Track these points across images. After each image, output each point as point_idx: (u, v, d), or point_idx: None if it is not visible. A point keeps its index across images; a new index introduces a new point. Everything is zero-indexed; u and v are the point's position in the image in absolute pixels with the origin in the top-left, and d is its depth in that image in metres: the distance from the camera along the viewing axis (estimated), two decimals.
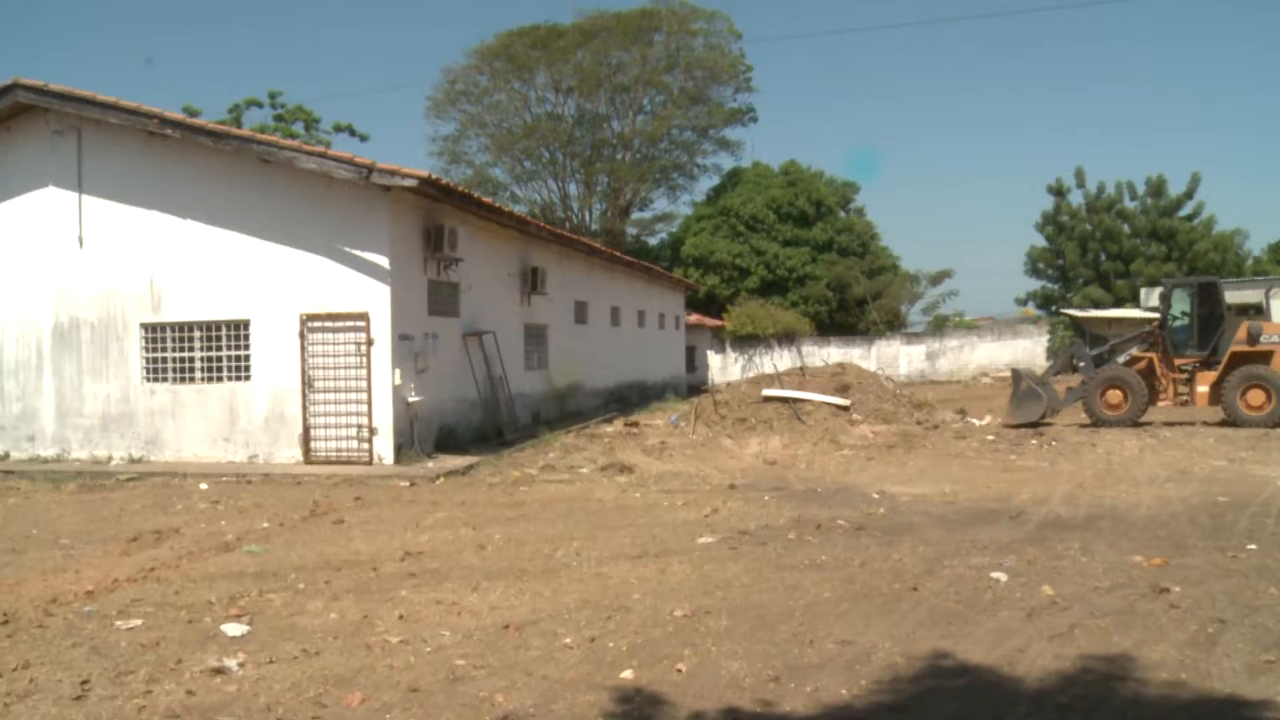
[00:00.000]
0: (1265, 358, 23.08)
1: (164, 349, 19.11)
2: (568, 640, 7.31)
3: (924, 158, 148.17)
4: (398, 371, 17.81)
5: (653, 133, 57.33)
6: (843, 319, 57.59)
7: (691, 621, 7.76)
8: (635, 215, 62.84)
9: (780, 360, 46.32)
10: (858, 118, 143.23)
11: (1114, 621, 7.58)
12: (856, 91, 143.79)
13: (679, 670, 6.61)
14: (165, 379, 19.15)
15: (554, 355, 27.13)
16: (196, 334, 18.90)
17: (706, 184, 61.89)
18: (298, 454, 18.19)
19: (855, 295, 56.28)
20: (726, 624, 7.68)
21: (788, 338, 50.78)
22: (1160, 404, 24.15)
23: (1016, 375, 24.88)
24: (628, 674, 6.55)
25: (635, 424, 24.13)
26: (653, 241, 63.57)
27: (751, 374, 36.82)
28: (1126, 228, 59.57)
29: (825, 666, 6.66)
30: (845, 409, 22.98)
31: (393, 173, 17.07)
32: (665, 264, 54.16)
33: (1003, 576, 9.01)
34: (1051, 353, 49.15)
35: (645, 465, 17.87)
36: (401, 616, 8.01)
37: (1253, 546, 10.29)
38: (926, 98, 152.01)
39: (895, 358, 52.88)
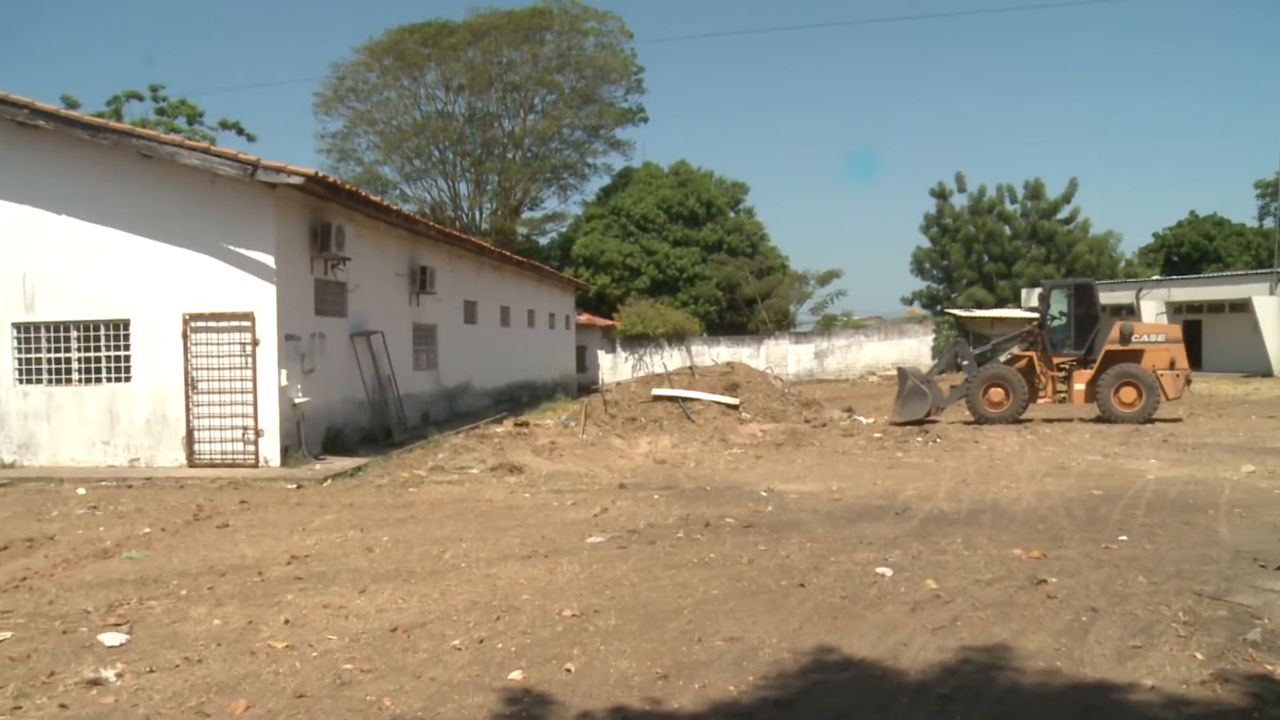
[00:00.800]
0: (1137, 356, 23.91)
1: (37, 349, 18.47)
2: (456, 642, 7.27)
3: (812, 159, 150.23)
4: (284, 372, 17.51)
5: (543, 132, 57.19)
6: (732, 318, 58.04)
7: (580, 621, 7.76)
8: (526, 215, 62.74)
9: (670, 360, 46.57)
10: (747, 119, 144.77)
11: (994, 613, 7.77)
12: (746, 93, 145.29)
13: (568, 670, 6.62)
14: (39, 380, 18.52)
15: (443, 355, 26.92)
16: (73, 334, 18.32)
17: (597, 184, 62.05)
18: (181, 457, 17.77)
19: (745, 295, 56.75)
20: (615, 623, 7.70)
21: (678, 337, 51.03)
22: (1040, 401, 24.82)
23: (902, 374, 25.33)
24: (516, 675, 6.54)
25: (525, 424, 24.06)
26: (543, 241, 63.50)
27: (642, 373, 36.86)
28: (1008, 230, 61.08)
29: (713, 663, 6.71)
30: (734, 408, 23.19)
31: (279, 170, 16.78)
32: (556, 264, 54.09)
33: (888, 571, 9.17)
34: (936, 351, 50.17)
35: (535, 465, 17.82)
36: (287, 621, 7.88)
37: (1124, 537, 10.65)
38: (814, 100, 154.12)
39: (784, 357, 53.46)
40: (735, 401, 23.41)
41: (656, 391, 23.73)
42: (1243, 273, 53.27)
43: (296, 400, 17.92)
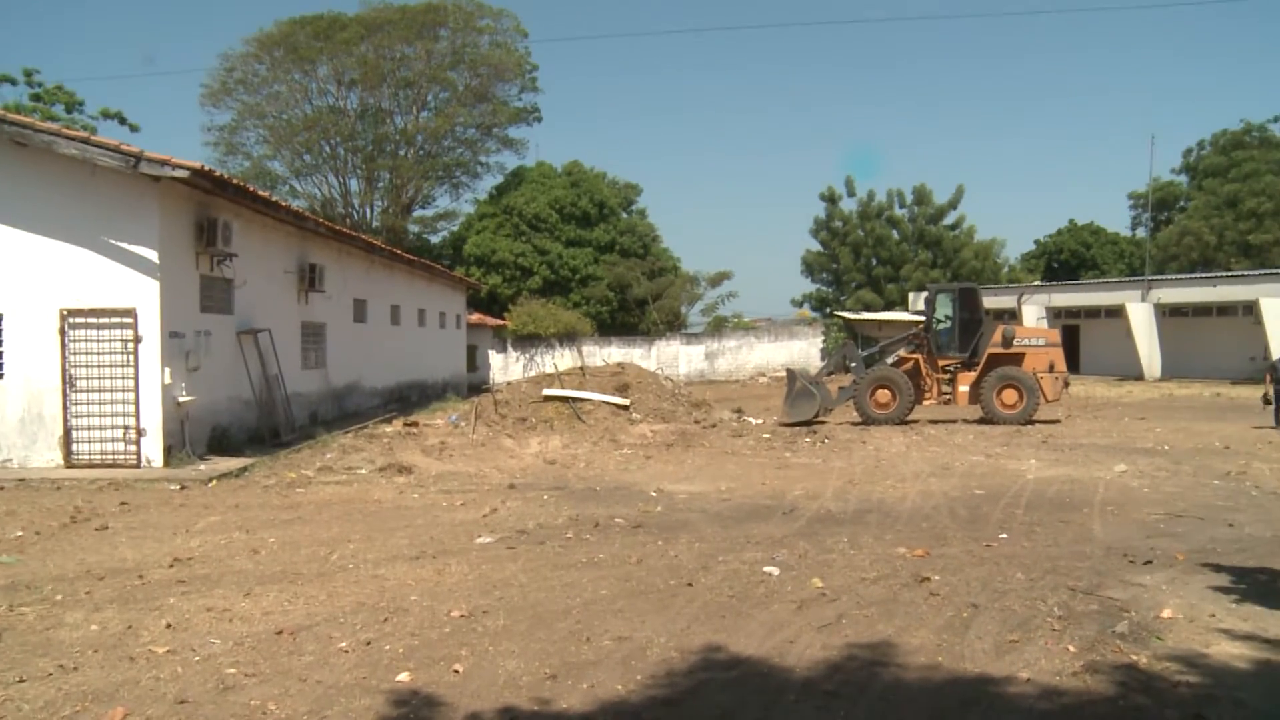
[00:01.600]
0: (1018, 359, 24.57)
1: None
2: (343, 644, 7.19)
3: (705, 161, 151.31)
4: (167, 370, 17.11)
5: (436, 129, 56.58)
6: (624, 319, 58.16)
7: (469, 622, 7.74)
8: (417, 213, 61.94)
9: (561, 360, 46.48)
10: (640, 121, 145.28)
11: (878, 610, 7.93)
12: (639, 95, 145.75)
13: (456, 671, 6.59)
14: None
15: (332, 354, 26.56)
16: None
17: (490, 182, 61.56)
18: (58, 457, 17.24)
19: (636, 296, 56.91)
20: (504, 623, 7.69)
21: (569, 337, 50.96)
22: (925, 403, 25.36)
23: (791, 375, 25.66)
24: (404, 676, 6.49)
25: (415, 424, 23.82)
26: (435, 240, 62.84)
27: (533, 373, 36.76)
28: (896, 234, 62.27)
29: (602, 663, 6.75)
30: (625, 408, 23.26)
31: (162, 162, 16.38)
32: (447, 263, 53.62)
33: (775, 570, 9.30)
34: (825, 353, 50.86)
35: (425, 466, 17.68)
36: (169, 625, 7.72)
37: (1004, 535, 10.97)
38: (707, 103, 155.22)
39: (675, 358, 53.70)
40: (626, 402, 23.48)
41: (547, 392, 23.70)
42: (1117, 280, 54.98)
43: (180, 399, 17.53)
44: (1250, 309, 42.29)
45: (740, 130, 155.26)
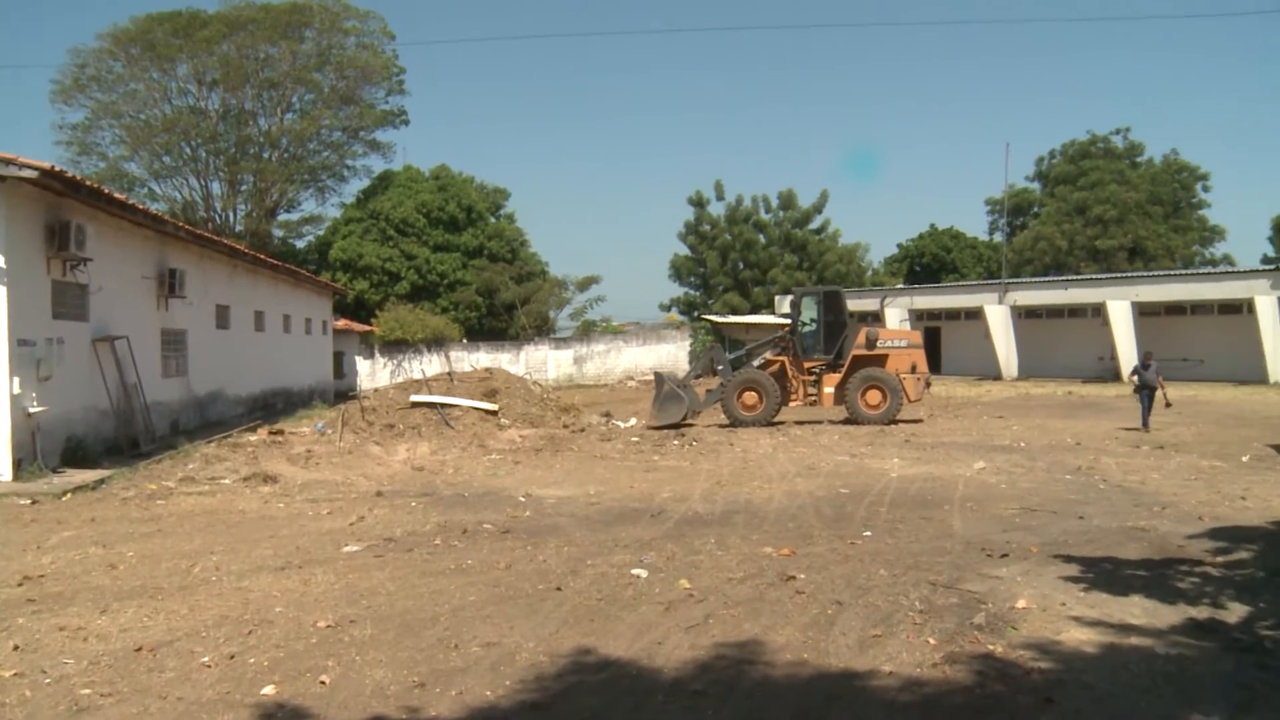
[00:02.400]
0: (881, 361, 25.12)
1: None
2: (205, 659, 7.03)
3: (574, 166, 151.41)
4: (16, 380, 16.48)
5: (301, 132, 55.52)
6: (492, 324, 57.86)
7: (336, 632, 7.63)
8: (282, 217, 60.69)
9: (429, 366, 46.02)
10: (508, 125, 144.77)
11: (745, 610, 8.05)
12: (508, 99, 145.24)
13: (322, 682, 6.50)
14: None
15: (194, 362, 25.88)
16: None
17: (356, 186, 60.68)
18: None
19: (505, 300, 56.66)
20: (371, 632, 7.60)
21: (438, 343, 50.47)
22: (792, 404, 25.74)
23: (659, 378, 25.81)
24: (269, 690, 6.38)
25: (280, 432, 23.39)
26: (300, 244, 61.56)
27: (401, 380, 36.34)
28: (762, 238, 63.07)
29: (470, 669, 6.72)
30: (494, 413, 23.16)
31: (8, 161, 15.78)
32: (313, 267, 52.69)
33: (643, 573, 9.36)
34: (693, 356, 51.21)
35: (290, 474, 17.36)
36: (17, 647, 7.41)
37: (868, 533, 11.23)
38: (577, 107, 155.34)
39: (544, 362, 53.61)
40: (494, 407, 23.39)
41: (415, 398, 23.47)
42: (976, 283, 56.51)
43: (31, 410, 16.91)
44: (1099, 311, 43.93)
45: (609, 135, 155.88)
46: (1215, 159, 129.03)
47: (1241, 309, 40.27)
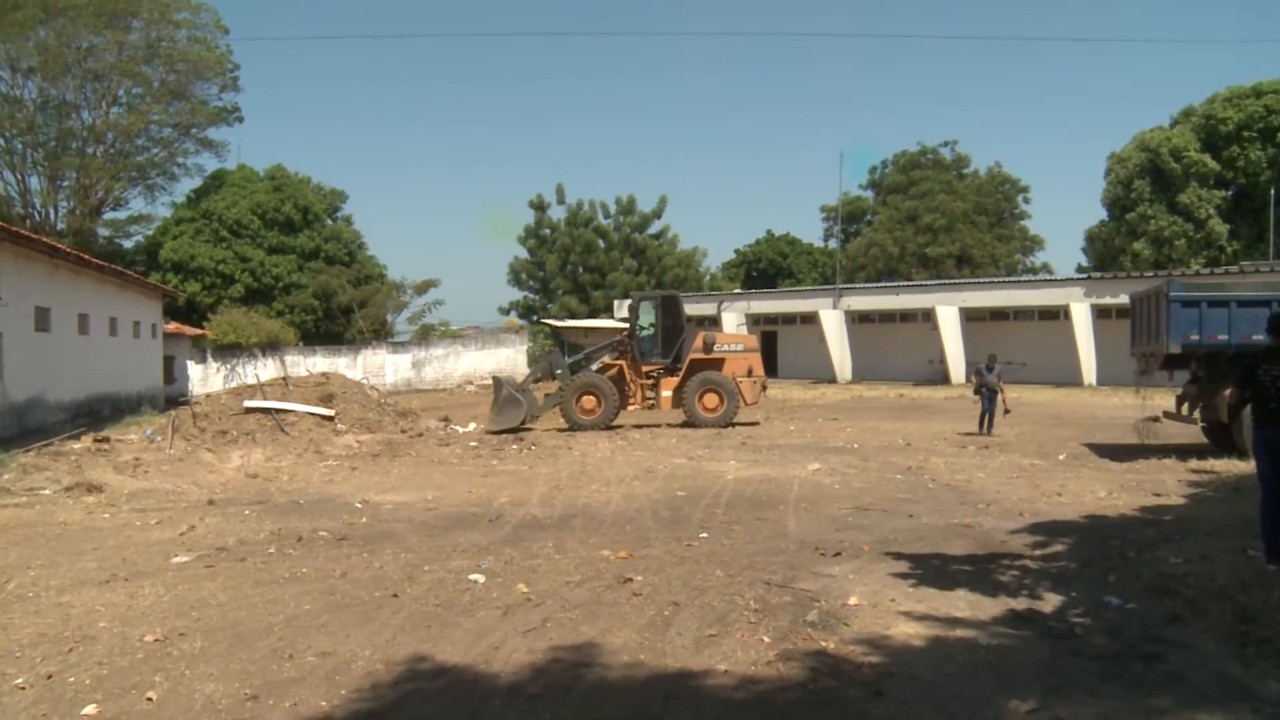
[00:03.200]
0: (718, 364, 25.47)
1: None
2: (20, 680, 6.68)
3: (413, 169, 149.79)
4: None
5: (129, 127, 53.32)
6: (329, 328, 56.88)
7: (164, 646, 7.37)
8: (108, 215, 58.07)
9: (264, 370, 44.94)
10: (347, 126, 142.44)
11: (583, 613, 8.05)
12: (346, 99, 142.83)
13: (149, 699, 6.26)
14: None
15: (11, 366, 24.72)
16: None
17: (188, 185, 59.09)
18: None
19: (342, 304, 55.74)
20: (202, 645, 7.37)
21: (273, 347, 49.34)
22: (630, 408, 25.89)
23: (498, 382, 25.70)
24: (90, 709, 6.11)
25: (106, 439, 22.48)
26: (128, 244, 59.17)
27: (234, 384, 35.40)
28: (602, 243, 63.41)
29: (305, 680, 6.57)
30: (330, 419, 22.71)
31: None
32: (141, 269, 50.81)
33: (481, 578, 9.29)
34: (532, 360, 51.15)
35: (117, 484, 16.71)
36: None
37: (705, 535, 11.37)
38: (414, 110, 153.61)
39: (382, 366, 52.88)
40: (331, 413, 22.94)
41: (249, 403, 22.85)
42: (811, 288, 57.84)
43: None
44: (928, 316, 45.39)
45: (449, 139, 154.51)
46: (1035, 172, 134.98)
47: (1059, 315, 42.09)
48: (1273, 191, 49.49)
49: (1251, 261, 44.38)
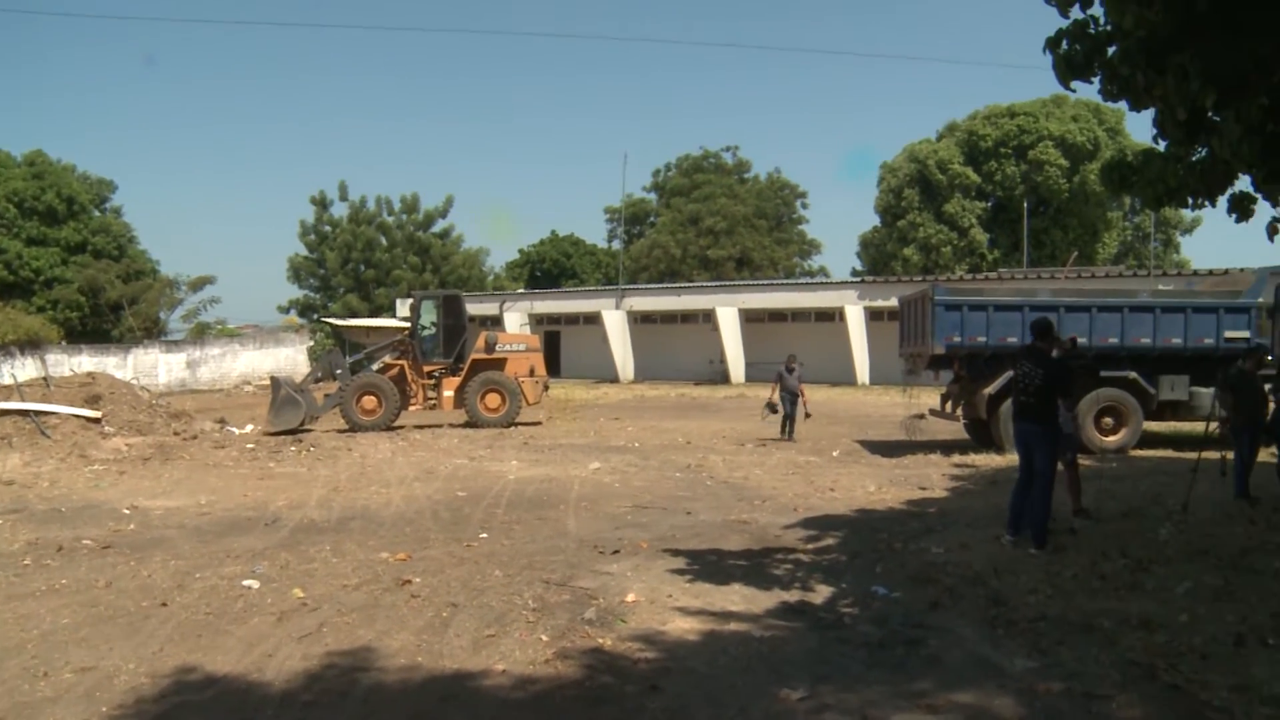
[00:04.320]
0: (500, 364, 25.52)
1: None
2: None
3: (189, 162, 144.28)
4: None
5: None
6: (96, 326, 54.30)
7: None
8: None
9: (23, 370, 42.52)
10: (117, 113, 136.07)
11: (360, 616, 7.99)
12: (115, 83, 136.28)
13: None
14: None
15: None
16: None
17: None
18: None
19: (110, 300, 53.28)
20: None
21: (33, 346, 46.71)
22: (412, 408, 25.65)
23: (276, 383, 25.09)
24: None
25: None
26: None
27: None
28: (385, 240, 62.48)
29: (61, 698, 6.30)
30: (97, 421, 21.72)
31: None
32: None
33: (255, 583, 9.10)
34: (312, 360, 50.00)
35: None
36: None
37: (485, 535, 11.42)
38: (190, 102, 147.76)
39: (154, 366, 50.72)
40: (97, 414, 21.92)
41: (3, 405, 21.66)
42: (595, 289, 58.26)
43: None
44: (709, 317, 46.39)
45: (228, 133, 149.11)
46: (813, 179, 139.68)
47: (834, 317, 43.57)
48: (1025, 205, 52.62)
49: (1009, 269, 47.13)
